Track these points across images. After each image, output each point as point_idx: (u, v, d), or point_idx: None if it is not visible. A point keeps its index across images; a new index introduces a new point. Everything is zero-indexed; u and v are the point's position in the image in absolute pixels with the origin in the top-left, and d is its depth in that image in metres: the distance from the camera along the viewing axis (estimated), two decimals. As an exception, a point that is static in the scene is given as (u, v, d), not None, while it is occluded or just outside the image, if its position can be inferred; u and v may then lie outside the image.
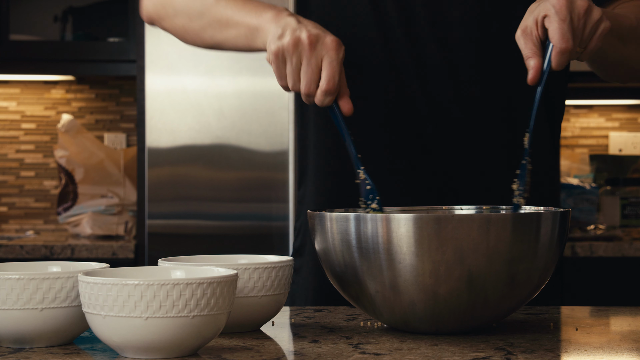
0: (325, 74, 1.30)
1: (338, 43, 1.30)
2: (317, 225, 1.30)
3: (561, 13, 1.30)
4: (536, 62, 1.31)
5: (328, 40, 1.30)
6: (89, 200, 3.67)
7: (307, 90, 1.32)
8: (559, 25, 1.30)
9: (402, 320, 1.26)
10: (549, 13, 1.31)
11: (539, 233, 1.23)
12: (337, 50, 1.30)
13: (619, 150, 4.05)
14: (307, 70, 1.30)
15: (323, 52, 1.30)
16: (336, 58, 1.30)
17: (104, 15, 3.90)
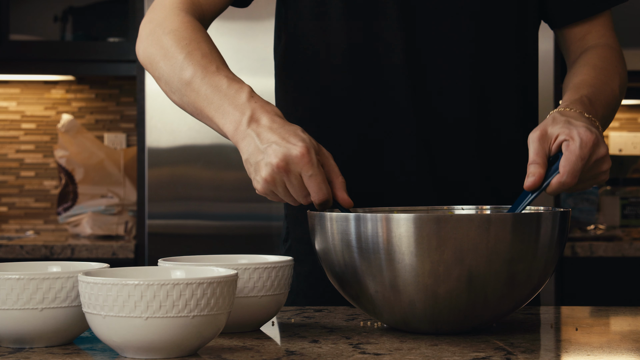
0: (311, 190, 1.29)
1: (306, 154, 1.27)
2: (317, 225, 1.30)
3: (584, 150, 1.30)
4: (541, 172, 1.30)
5: (294, 156, 1.26)
6: (89, 200, 3.67)
7: (305, 203, 1.31)
8: (575, 161, 1.30)
9: (402, 320, 1.26)
10: (573, 143, 1.30)
11: (538, 233, 1.23)
12: (309, 163, 1.27)
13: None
14: (294, 191, 1.30)
15: (297, 170, 1.28)
16: (312, 170, 1.27)
17: (104, 15, 3.90)
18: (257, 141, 1.30)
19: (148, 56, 1.48)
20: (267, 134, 1.30)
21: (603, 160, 1.34)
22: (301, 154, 1.26)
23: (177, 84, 1.42)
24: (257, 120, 1.32)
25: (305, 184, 1.29)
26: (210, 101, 1.37)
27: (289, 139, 1.28)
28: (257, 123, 1.32)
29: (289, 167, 1.27)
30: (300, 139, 1.28)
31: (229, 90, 1.36)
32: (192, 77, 1.39)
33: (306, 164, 1.27)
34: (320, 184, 1.28)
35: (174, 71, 1.42)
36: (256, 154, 1.30)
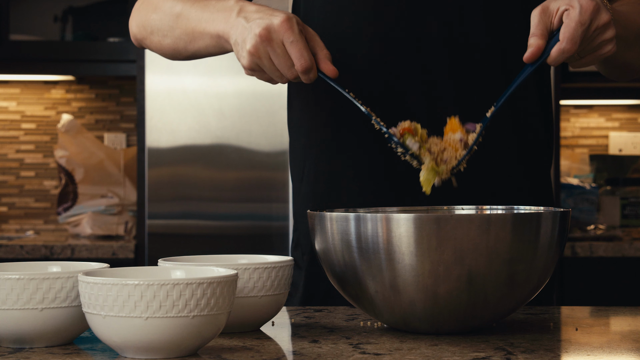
0: (293, 57, 1.32)
1: (286, 21, 1.32)
2: (317, 225, 1.30)
3: (583, 15, 1.31)
4: (539, 43, 1.32)
5: (276, 25, 1.31)
6: (89, 200, 3.67)
7: (291, 75, 1.34)
8: (575, 27, 1.31)
9: (402, 320, 1.26)
10: (573, 10, 1.31)
11: (538, 233, 1.23)
12: (290, 29, 1.31)
13: (619, 150, 4.05)
14: (278, 61, 1.33)
15: (279, 38, 1.32)
16: (293, 36, 1.32)
17: (104, 15, 3.90)
18: (244, 22, 1.35)
19: (139, 20, 1.56)
20: (253, 14, 1.35)
21: (606, 27, 1.33)
22: (281, 21, 1.31)
23: (168, 22, 1.49)
24: (245, 10, 1.38)
25: (288, 52, 1.32)
26: (200, 18, 1.44)
27: (272, 12, 1.34)
28: (245, 11, 1.37)
29: (270, 35, 1.31)
30: (282, 11, 1.33)
31: (217, 3, 1.43)
32: (182, 8, 1.47)
33: (287, 30, 1.31)
34: (302, 50, 1.32)
35: (164, 13, 1.50)
36: (243, 32, 1.35)
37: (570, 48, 1.31)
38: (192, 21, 1.45)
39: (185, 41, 1.48)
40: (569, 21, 1.31)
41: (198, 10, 1.45)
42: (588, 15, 1.31)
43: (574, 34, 1.31)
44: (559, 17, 1.33)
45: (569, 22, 1.31)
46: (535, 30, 1.33)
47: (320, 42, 1.37)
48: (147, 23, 1.54)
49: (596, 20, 1.32)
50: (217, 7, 1.43)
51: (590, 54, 1.36)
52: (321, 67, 1.35)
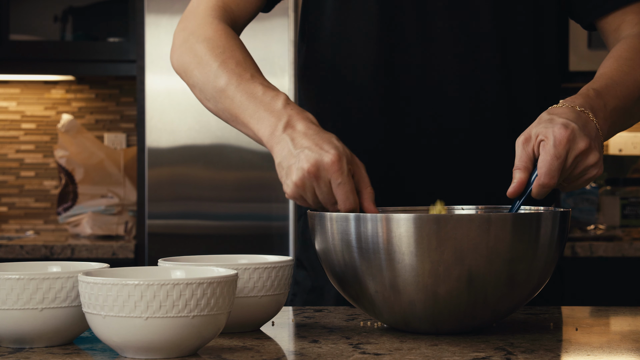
0: (338, 198, 1.29)
1: (337, 162, 1.27)
2: (317, 225, 1.30)
3: (557, 148, 1.28)
4: (522, 177, 1.30)
5: (326, 163, 1.27)
6: (89, 200, 3.67)
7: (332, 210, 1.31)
8: (550, 161, 1.28)
9: (402, 320, 1.26)
10: (547, 142, 1.29)
11: (538, 233, 1.23)
12: (339, 171, 1.27)
13: (619, 150, 4.05)
14: (322, 197, 1.30)
15: (327, 177, 1.28)
16: (341, 178, 1.28)
17: (104, 15, 3.90)
18: (290, 146, 1.31)
19: (182, 64, 1.49)
20: (301, 139, 1.30)
21: (586, 154, 1.31)
22: (332, 161, 1.27)
23: (211, 91, 1.43)
24: (293, 126, 1.33)
25: (333, 192, 1.29)
26: (245, 108, 1.38)
27: (322, 145, 1.29)
28: (293, 129, 1.32)
29: (319, 173, 1.28)
30: (333, 146, 1.29)
31: (264, 97, 1.37)
32: (227, 85, 1.41)
33: (336, 171, 1.27)
34: (348, 193, 1.28)
35: (208, 79, 1.43)
36: (289, 158, 1.31)
37: (549, 182, 1.28)
38: (236, 107, 1.40)
39: (227, 118, 1.44)
40: (544, 155, 1.29)
41: (243, 96, 1.39)
42: (562, 147, 1.28)
43: (550, 168, 1.28)
44: (537, 145, 1.31)
45: (544, 157, 1.29)
46: (518, 163, 1.31)
47: (366, 179, 1.32)
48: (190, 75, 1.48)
49: (573, 150, 1.29)
50: (263, 101, 1.37)
51: (576, 180, 1.34)
52: (365, 208, 1.32)
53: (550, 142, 1.28)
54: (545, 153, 1.28)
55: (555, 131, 1.29)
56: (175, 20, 3.23)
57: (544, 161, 1.28)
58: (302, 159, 1.28)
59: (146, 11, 3.24)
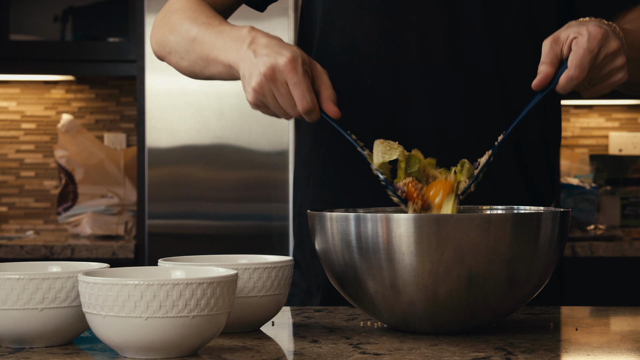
0: (295, 98, 1.32)
1: (291, 61, 1.31)
2: (317, 225, 1.30)
3: (591, 43, 1.30)
4: (548, 70, 1.32)
5: (281, 65, 1.31)
6: (89, 200, 3.67)
7: (294, 114, 1.35)
8: (583, 54, 1.30)
9: (402, 320, 1.26)
10: (581, 37, 1.31)
11: (538, 233, 1.23)
12: (294, 70, 1.31)
13: (619, 150, 4.05)
14: (282, 101, 1.33)
15: (283, 78, 1.32)
16: (296, 77, 1.31)
17: (104, 15, 3.90)
18: (252, 56, 1.35)
19: (158, 39, 1.57)
20: (262, 49, 1.35)
21: (615, 55, 1.33)
22: (286, 62, 1.31)
23: (184, 46, 1.49)
24: (256, 42, 1.37)
25: (291, 92, 1.32)
26: (214, 44, 1.44)
27: (279, 50, 1.33)
28: (256, 44, 1.37)
29: (275, 75, 1.32)
30: (290, 50, 1.32)
31: (231, 31, 1.43)
32: (197, 33, 1.48)
33: (290, 71, 1.31)
34: (304, 92, 1.32)
35: (180, 36, 1.50)
36: (250, 67, 1.35)
37: (579, 75, 1.30)
38: (207, 47, 1.45)
39: (200, 65, 1.49)
40: (577, 48, 1.31)
41: (212, 35, 1.45)
42: (596, 42, 1.30)
43: (581, 61, 1.30)
44: (568, 46, 1.32)
45: (576, 50, 1.31)
46: (544, 58, 1.32)
47: (326, 81, 1.36)
48: (165, 43, 1.55)
49: (605, 48, 1.31)
50: (230, 34, 1.42)
51: (600, 83, 1.35)
52: (324, 108, 1.35)
53: (584, 37, 1.30)
54: (578, 47, 1.30)
55: (589, 28, 1.31)
56: (175, 20, 3.23)
57: (576, 54, 1.30)
58: (260, 65, 1.32)
59: (146, 11, 3.24)
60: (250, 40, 1.38)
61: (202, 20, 1.49)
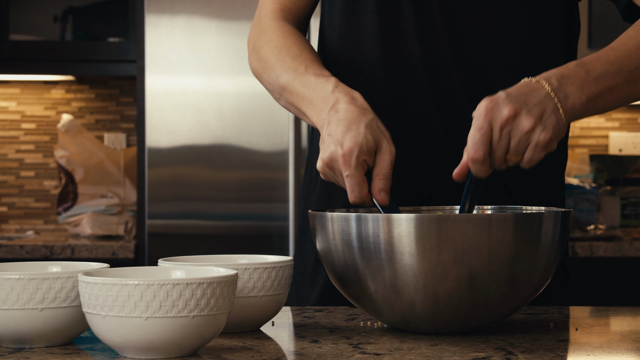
0: (347, 188, 1.34)
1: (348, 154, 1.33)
2: (317, 225, 1.30)
3: (478, 120, 1.27)
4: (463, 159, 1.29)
5: (339, 156, 1.33)
6: (89, 200, 3.67)
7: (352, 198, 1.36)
8: (472, 134, 1.27)
9: (402, 320, 1.26)
10: (474, 117, 1.28)
11: (540, 233, 1.23)
12: (346, 164, 1.33)
13: (619, 150, 4.05)
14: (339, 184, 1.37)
15: (339, 168, 1.35)
16: (349, 171, 1.33)
17: (104, 15, 3.90)
18: (325, 129, 1.38)
19: (255, 71, 1.62)
20: (334, 126, 1.37)
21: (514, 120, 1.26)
22: (343, 154, 1.33)
23: (277, 90, 1.54)
24: (336, 109, 1.39)
25: None
26: (303, 98, 1.47)
27: (344, 137, 1.34)
28: (336, 111, 1.39)
29: (332, 165, 1.35)
30: (352, 139, 1.33)
31: (316, 84, 1.45)
32: (286, 82, 1.51)
33: (344, 164, 1.33)
34: (354, 186, 1.33)
35: (272, 80, 1.55)
36: (321, 141, 1.39)
37: (474, 155, 1.26)
38: (295, 98, 1.49)
39: (295, 112, 1.53)
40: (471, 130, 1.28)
41: (300, 87, 1.48)
42: (482, 118, 1.26)
43: (472, 140, 1.27)
44: None
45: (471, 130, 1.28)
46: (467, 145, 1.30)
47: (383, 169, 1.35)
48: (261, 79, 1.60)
49: (497, 119, 1.26)
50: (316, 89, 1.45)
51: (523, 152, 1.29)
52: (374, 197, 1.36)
53: (474, 116, 1.28)
54: (471, 129, 1.27)
55: (480, 105, 1.28)
56: (175, 20, 3.23)
57: (469, 136, 1.27)
58: (323, 149, 1.37)
59: (146, 11, 3.24)
60: (332, 105, 1.40)
61: (288, 64, 1.52)
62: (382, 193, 1.35)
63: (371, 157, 1.35)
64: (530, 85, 1.31)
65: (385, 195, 1.34)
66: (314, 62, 1.52)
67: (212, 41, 3.23)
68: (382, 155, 1.35)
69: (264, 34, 1.61)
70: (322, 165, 1.37)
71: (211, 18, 3.23)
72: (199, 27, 3.23)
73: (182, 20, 3.24)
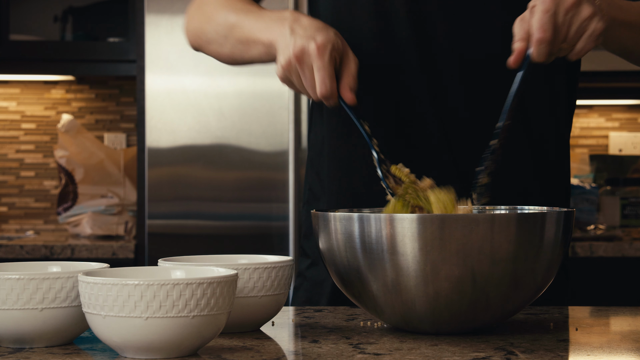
0: (316, 81, 1.35)
1: (321, 47, 1.34)
2: (320, 225, 1.30)
3: (545, 3, 1.30)
4: (520, 46, 1.32)
5: (312, 49, 1.34)
6: (89, 200, 3.67)
7: (314, 97, 1.37)
8: (540, 16, 1.30)
9: (403, 319, 1.26)
10: (537, 3, 1.31)
11: (542, 233, 1.23)
12: (321, 55, 1.34)
13: (619, 150, 4.05)
14: (305, 82, 1.37)
15: (310, 61, 1.35)
16: (321, 63, 1.34)
17: (104, 15, 3.90)
18: (288, 34, 1.38)
19: (194, 28, 1.60)
20: (300, 29, 1.38)
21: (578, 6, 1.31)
22: (317, 46, 1.34)
23: (223, 32, 1.53)
24: (297, 21, 1.40)
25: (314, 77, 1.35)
26: (255, 27, 1.48)
27: (315, 34, 1.36)
28: (296, 22, 1.40)
29: (303, 57, 1.35)
30: (324, 35, 1.35)
31: (272, 14, 1.47)
32: (237, 19, 1.51)
33: (317, 56, 1.34)
34: (325, 78, 1.34)
35: (219, 24, 1.54)
36: (284, 44, 1.38)
37: (543, 36, 1.30)
38: (246, 30, 1.49)
39: (240, 50, 1.51)
40: (534, 14, 1.31)
41: (252, 19, 1.48)
42: (550, 1, 1.30)
43: (540, 22, 1.30)
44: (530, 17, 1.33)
45: (534, 15, 1.31)
46: (516, 37, 1.33)
47: (351, 69, 1.38)
48: (202, 33, 1.59)
49: (563, 3, 1.30)
50: (272, 16, 1.46)
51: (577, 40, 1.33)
52: (341, 93, 1.38)
53: (538, 1, 1.31)
54: (534, 13, 1.30)
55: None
56: (175, 20, 3.23)
57: (534, 20, 1.30)
58: (291, 45, 1.36)
59: (146, 11, 3.24)
60: (292, 19, 1.40)
61: (239, 7, 1.52)
62: (351, 92, 1.36)
63: (339, 57, 1.37)
64: None
65: (353, 95, 1.36)
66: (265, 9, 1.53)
67: (212, 41, 3.23)
68: (348, 59, 1.38)
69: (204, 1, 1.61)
70: (291, 58, 1.35)
71: (211, 18, 3.23)
72: (199, 27, 3.23)
73: (182, 20, 3.23)
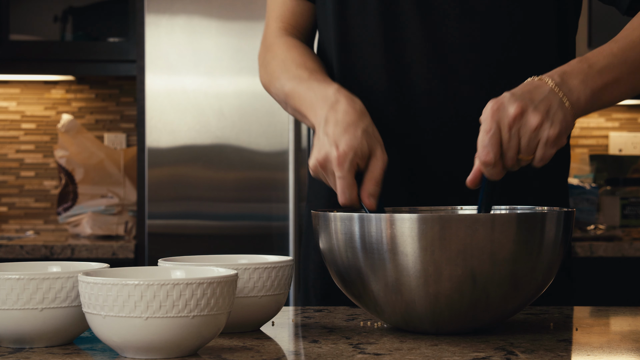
0: (337, 190, 1.36)
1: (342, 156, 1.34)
2: (321, 225, 1.30)
3: (485, 123, 1.26)
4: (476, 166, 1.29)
5: (332, 157, 1.35)
6: (89, 200, 3.67)
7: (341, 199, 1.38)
8: (481, 137, 1.26)
9: (403, 319, 1.26)
10: (482, 119, 1.27)
11: (543, 233, 1.23)
12: (341, 166, 1.34)
13: (619, 150, 4.05)
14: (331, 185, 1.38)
15: (332, 169, 1.36)
16: (341, 173, 1.35)
17: (104, 15, 3.90)
18: (321, 128, 1.40)
19: (264, 84, 1.67)
20: (331, 126, 1.38)
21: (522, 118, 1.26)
22: (338, 156, 1.35)
23: (283, 98, 1.58)
24: (336, 109, 1.41)
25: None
26: (304, 100, 1.49)
27: (340, 139, 1.36)
28: (335, 111, 1.40)
29: (325, 165, 1.37)
30: (348, 142, 1.35)
31: (319, 88, 1.47)
32: (290, 89, 1.55)
33: (337, 166, 1.35)
34: (344, 188, 1.35)
35: (278, 91, 1.59)
36: (315, 143, 1.40)
37: (485, 159, 1.26)
38: (297, 104, 1.52)
39: (298, 117, 1.55)
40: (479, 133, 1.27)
41: (303, 91, 1.51)
42: (489, 120, 1.25)
43: (482, 144, 1.26)
44: None
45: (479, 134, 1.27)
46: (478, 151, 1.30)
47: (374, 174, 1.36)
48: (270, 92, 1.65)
49: (504, 119, 1.25)
50: (317, 92, 1.47)
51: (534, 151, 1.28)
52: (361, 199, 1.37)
53: (482, 119, 1.28)
54: (480, 132, 1.27)
55: (486, 108, 1.27)
56: (175, 20, 3.23)
57: (478, 140, 1.27)
58: (318, 148, 1.38)
59: (146, 11, 3.24)
60: (331, 103, 1.41)
61: (292, 74, 1.55)
62: (371, 198, 1.36)
63: (363, 162, 1.36)
64: (533, 83, 1.31)
65: (374, 200, 1.36)
66: (317, 70, 1.55)
67: (212, 41, 3.23)
68: (375, 161, 1.37)
69: (270, 50, 1.65)
70: (315, 164, 1.38)
71: (211, 18, 3.23)
72: (199, 27, 3.23)
73: (182, 20, 3.24)
